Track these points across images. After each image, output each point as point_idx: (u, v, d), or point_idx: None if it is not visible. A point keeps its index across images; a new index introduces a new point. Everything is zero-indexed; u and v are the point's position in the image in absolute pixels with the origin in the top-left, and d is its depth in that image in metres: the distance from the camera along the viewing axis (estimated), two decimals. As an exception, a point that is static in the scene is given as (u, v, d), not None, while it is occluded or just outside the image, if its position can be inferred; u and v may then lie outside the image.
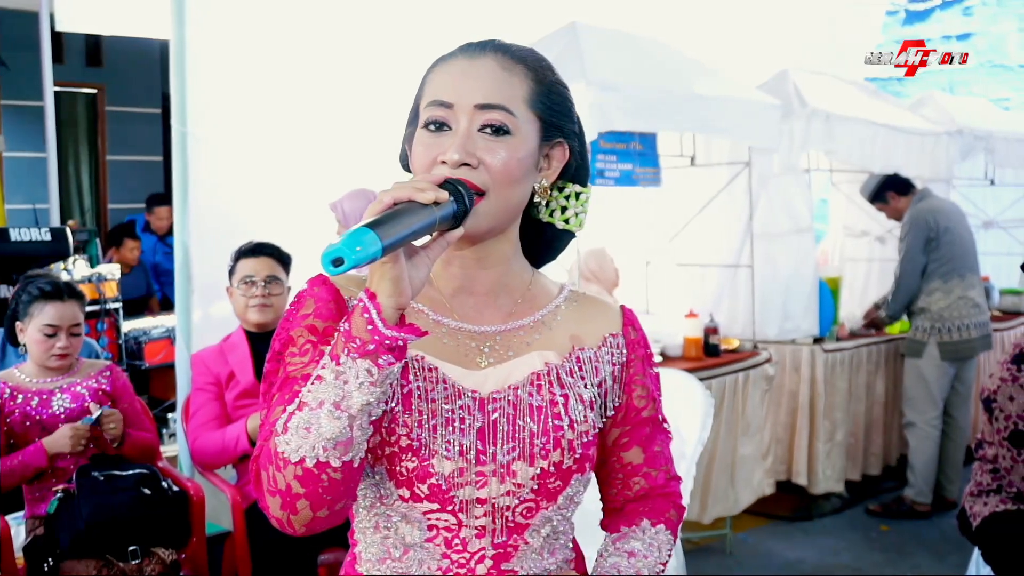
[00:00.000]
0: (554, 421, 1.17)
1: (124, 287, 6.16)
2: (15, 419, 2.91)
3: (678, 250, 5.01)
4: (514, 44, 1.22)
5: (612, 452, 1.30)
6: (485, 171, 1.13)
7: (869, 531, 4.79)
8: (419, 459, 1.13)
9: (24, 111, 7.87)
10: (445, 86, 1.16)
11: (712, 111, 4.12)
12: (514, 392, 1.17)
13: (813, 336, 4.96)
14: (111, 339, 5.77)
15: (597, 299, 1.32)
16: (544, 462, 1.16)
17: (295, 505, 1.06)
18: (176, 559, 2.89)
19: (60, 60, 8.96)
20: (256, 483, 1.10)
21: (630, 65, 3.96)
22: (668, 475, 1.33)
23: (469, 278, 1.22)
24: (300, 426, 1.04)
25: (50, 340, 2.93)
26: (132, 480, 2.88)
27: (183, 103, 3.90)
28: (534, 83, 1.19)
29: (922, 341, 4.96)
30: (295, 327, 1.16)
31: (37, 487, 2.96)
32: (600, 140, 4.13)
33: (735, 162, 4.71)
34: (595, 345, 1.26)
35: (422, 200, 1.02)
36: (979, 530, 2.81)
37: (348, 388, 1.02)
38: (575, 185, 1.26)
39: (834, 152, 4.95)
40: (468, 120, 1.14)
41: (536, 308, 1.25)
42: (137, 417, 3.12)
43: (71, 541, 2.76)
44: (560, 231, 1.27)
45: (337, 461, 1.04)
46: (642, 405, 1.29)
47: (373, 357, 1.01)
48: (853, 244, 6.24)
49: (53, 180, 5.71)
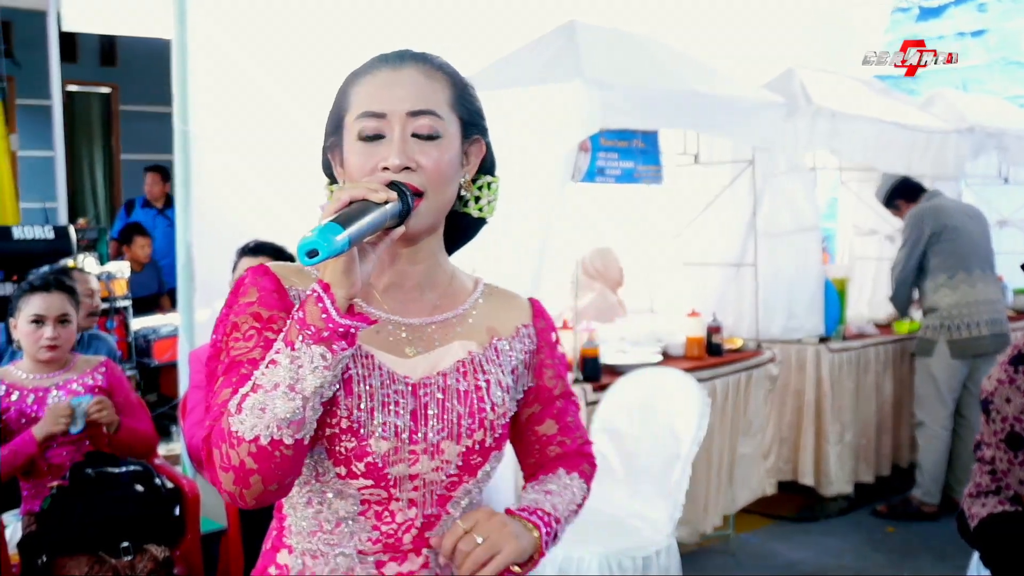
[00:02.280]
0: (478, 404, 1.28)
1: (134, 285, 6.20)
2: (11, 416, 2.93)
3: (681, 249, 4.98)
4: (428, 52, 1.31)
5: (527, 427, 1.42)
6: (423, 173, 1.22)
7: (874, 532, 4.75)
8: (357, 439, 1.21)
9: (38, 110, 7.92)
10: (373, 97, 1.24)
11: (713, 109, 4.10)
12: (442, 378, 1.28)
13: (819, 335, 4.93)
14: (120, 337, 5.82)
15: (509, 292, 1.43)
16: (469, 441, 1.27)
17: (248, 480, 1.13)
18: (169, 556, 2.90)
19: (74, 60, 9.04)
20: (207, 460, 1.16)
21: (629, 63, 3.94)
22: (582, 440, 1.46)
23: (400, 274, 1.31)
24: (255, 407, 1.11)
25: (38, 330, 2.94)
26: (125, 477, 2.90)
27: (185, 101, 3.93)
28: (453, 87, 1.29)
29: (932, 340, 4.91)
30: (239, 314, 1.23)
31: (33, 483, 2.97)
32: (601, 137, 4.12)
33: (739, 160, 4.68)
34: (509, 335, 1.37)
35: (375, 199, 1.13)
36: (977, 531, 2.78)
37: (303, 372, 1.10)
38: (486, 176, 1.36)
39: (839, 150, 4.91)
40: (401, 127, 1.23)
41: (457, 303, 1.35)
42: (133, 411, 3.12)
43: (64, 537, 2.77)
44: (474, 219, 1.37)
45: (290, 439, 1.12)
46: (552, 385, 1.42)
47: (327, 343, 1.10)
48: (862, 243, 6.19)
49: (61, 179, 5.75)
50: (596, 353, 3.93)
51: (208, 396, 1.21)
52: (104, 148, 9.83)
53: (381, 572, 1.26)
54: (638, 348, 4.37)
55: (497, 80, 3.94)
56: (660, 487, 3.40)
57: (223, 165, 4.03)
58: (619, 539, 3.24)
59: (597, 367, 3.92)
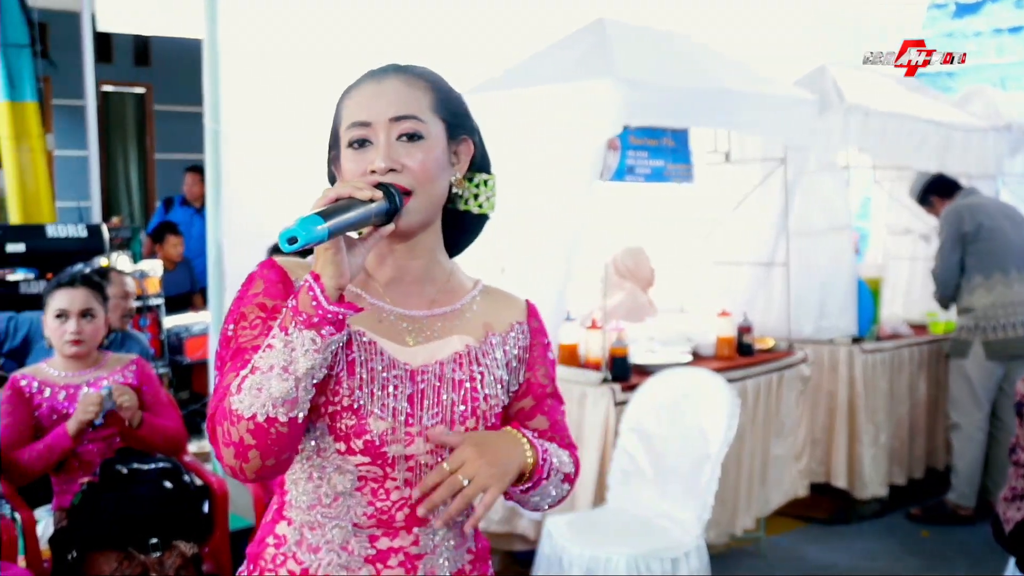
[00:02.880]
0: (472, 393, 1.37)
1: (167, 284, 6.25)
2: (43, 412, 2.97)
3: (712, 248, 4.94)
4: (411, 64, 1.41)
5: (518, 421, 1.47)
6: (409, 173, 1.32)
7: (908, 536, 4.68)
8: (357, 418, 1.30)
9: (74, 111, 8.01)
10: (360, 108, 1.35)
11: (744, 107, 4.06)
12: (440, 367, 1.36)
13: (851, 336, 4.87)
14: (153, 335, 5.86)
15: (506, 293, 1.51)
16: (461, 427, 1.35)
17: (247, 455, 1.22)
18: (197, 552, 2.91)
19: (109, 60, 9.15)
20: (212, 437, 1.26)
21: (659, 61, 3.91)
22: (568, 441, 1.52)
23: (400, 269, 1.40)
24: (252, 387, 1.20)
25: (62, 325, 2.98)
26: (154, 473, 2.92)
27: (216, 101, 3.95)
28: (434, 92, 1.38)
29: (967, 340, 4.84)
30: (246, 304, 1.33)
31: (64, 478, 3.01)
32: (631, 136, 4.09)
33: (770, 158, 4.63)
34: (504, 331, 1.45)
35: (360, 197, 1.22)
36: (1012, 536, 2.74)
37: (295, 355, 1.19)
38: (482, 173, 1.44)
39: (871, 148, 4.84)
40: (386, 133, 1.33)
41: (456, 298, 1.44)
42: (162, 408, 3.15)
43: (93, 533, 2.80)
44: (476, 217, 1.46)
45: (284, 417, 1.21)
46: (545, 382, 1.49)
47: (317, 328, 1.20)
48: (896, 242, 6.10)
49: (95, 178, 5.81)
50: (625, 352, 3.90)
51: (217, 380, 1.31)
52: (138, 147, 9.93)
53: (373, 545, 1.34)
54: (668, 348, 4.34)
55: (527, 78, 3.93)
56: (689, 488, 3.37)
57: (254, 164, 4.04)
58: (647, 540, 3.22)
59: (626, 367, 3.89)
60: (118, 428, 3.00)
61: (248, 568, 1.41)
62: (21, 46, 6.27)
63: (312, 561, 1.34)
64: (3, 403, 2.97)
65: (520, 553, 3.99)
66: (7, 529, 2.74)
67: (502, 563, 4.06)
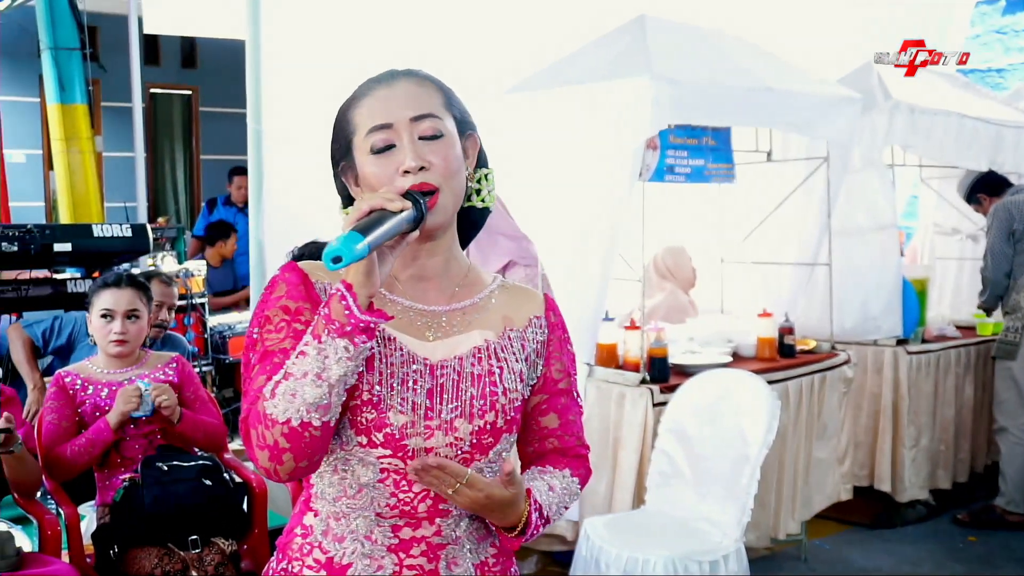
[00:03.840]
0: (491, 388, 1.38)
1: (211, 282, 6.32)
2: (86, 409, 3.01)
3: (753, 248, 4.89)
4: (412, 68, 1.43)
5: (532, 416, 1.49)
6: (436, 171, 1.34)
7: (954, 541, 4.60)
8: (377, 411, 1.33)
9: (122, 112, 8.16)
10: (377, 112, 1.36)
11: (787, 105, 4.00)
12: (459, 361, 1.38)
13: (896, 337, 4.79)
14: (197, 333, 5.92)
15: (524, 287, 1.54)
16: (480, 421, 1.37)
17: (281, 457, 1.26)
18: (236, 550, 2.94)
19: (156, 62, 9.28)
20: (245, 440, 1.29)
21: (700, 58, 3.87)
22: (579, 441, 1.53)
23: (420, 266, 1.42)
24: (286, 392, 1.23)
25: (107, 324, 3.02)
26: (194, 471, 2.94)
27: (258, 101, 3.97)
28: (441, 92, 1.42)
29: (1014, 342, 4.74)
30: (270, 308, 1.35)
31: (107, 474, 3.05)
32: (670, 135, 4.06)
33: (813, 157, 4.57)
34: (522, 326, 1.47)
35: (392, 209, 1.24)
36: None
37: (328, 362, 1.22)
38: (483, 168, 1.47)
39: (917, 146, 4.76)
40: (408, 133, 1.35)
41: (474, 293, 1.46)
42: (202, 404, 3.18)
43: (134, 529, 2.83)
44: (480, 211, 1.49)
45: (318, 421, 1.24)
46: (559, 378, 1.50)
47: (350, 337, 1.22)
48: (943, 242, 6.00)
49: (141, 179, 5.90)
50: (664, 353, 3.87)
51: (245, 383, 1.33)
52: (185, 149, 10.07)
53: (396, 535, 1.37)
54: (708, 349, 4.30)
55: (565, 76, 3.92)
56: (728, 490, 3.34)
57: (295, 165, 4.07)
58: (686, 542, 3.19)
59: (665, 367, 3.86)
60: (159, 425, 3.04)
61: (277, 559, 1.44)
62: (71, 49, 6.39)
63: (337, 550, 1.37)
64: (48, 400, 3.02)
65: (558, 554, 3.98)
66: (51, 525, 2.79)
67: (540, 563, 4.06)
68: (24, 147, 8.70)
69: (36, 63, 6.77)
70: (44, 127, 8.13)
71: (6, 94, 6.88)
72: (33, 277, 4.17)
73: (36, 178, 9.00)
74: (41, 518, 2.81)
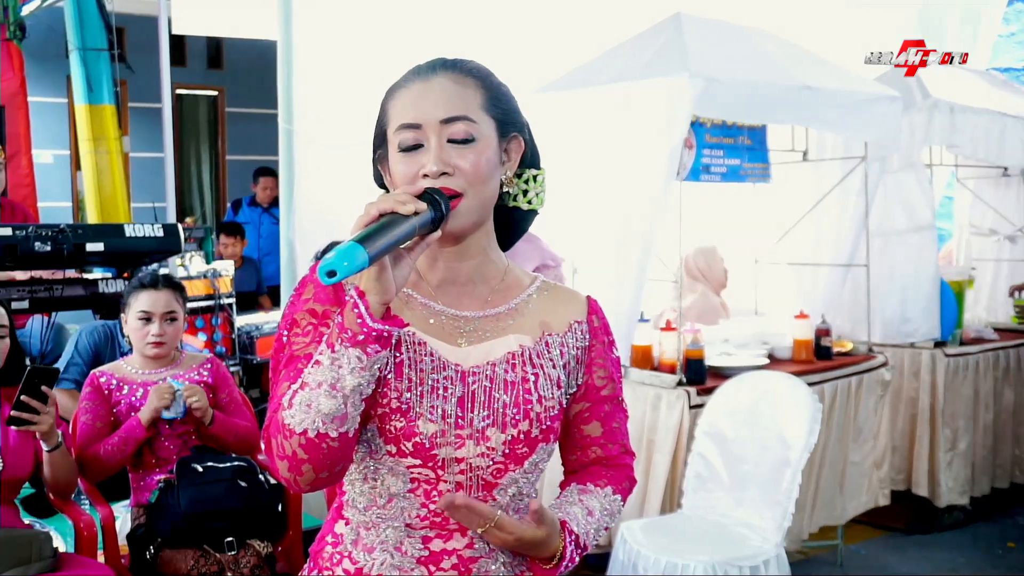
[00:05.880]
0: (524, 395, 1.32)
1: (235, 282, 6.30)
2: (121, 409, 3.00)
3: (788, 249, 4.82)
4: (459, 59, 1.36)
5: (574, 424, 1.44)
6: (461, 176, 1.28)
7: (993, 547, 4.52)
8: (406, 420, 1.28)
9: (149, 113, 8.18)
10: (408, 109, 1.31)
11: (825, 104, 3.94)
12: (492, 368, 1.33)
13: (934, 340, 4.71)
14: (225, 333, 5.91)
15: (566, 289, 1.47)
16: (514, 430, 1.31)
17: (300, 468, 1.22)
18: (272, 552, 2.92)
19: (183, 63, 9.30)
20: (267, 449, 1.26)
21: (737, 56, 3.82)
22: (623, 449, 1.48)
23: (452, 270, 1.37)
24: (303, 403, 1.20)
25: (145, 327, 3.01)
26: (229, 472, 2.92)
27: (289, 101, 3.96)
28: (484, 90, 1.34)
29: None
30: (298, 310, 1.32)
31: (140, 475, 3.03)
32: (706, 134, 4.01)
33: (850, 157, 4.50)
34: (562, 331, 1.40)
35: (403, 212, 1.18)
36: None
37: (342, 372, 1.18)
38: (531, 169, 1.41)
39: (958, 146, 4.69)
40: (437, 135, 1.29)
41: (510, 297, 1.40)
42: (236, 407, 3.17)
43: (170, 530, 2.82)
44: (525, 212, 1.42)
45: (334, 432, 1.20)
46: (602, 384, 1.43)
47: (362, 346, 1.18)
48: (980, 244, 5.91)
49: (170, 179, 5.90)
50: (701, 355, 3.82)
51: (273, 388, 1.30)
52: (211, 149, 10.10)
53: (427, 547, 1.33)
54: (743, 351, 4.24)
55: (602, 74, 3.87)
56: (767, 495, 3.29)
57: (326, 164, 4.05)
58: (726, 547, 3.15)
59: (702, 369, 3.81)
60: (193, 425, 3.02)
61: (309, 566, 1.41)
62: (99, 50, 6.40)
63: (367, 561, 1.34)
64: (83, 400, 3.01)
65: (591, 557, 3.93)
66: (88, 526, 2.77)
67: (573, 568, 4.01)
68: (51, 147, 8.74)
69: (64, 64, 6.78)
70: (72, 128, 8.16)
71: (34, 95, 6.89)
72: (64, 277, 4.16)
73: (63, 178, 9.04)
74: (77, 519, 2.79)
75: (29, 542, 2.54)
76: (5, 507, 2.69)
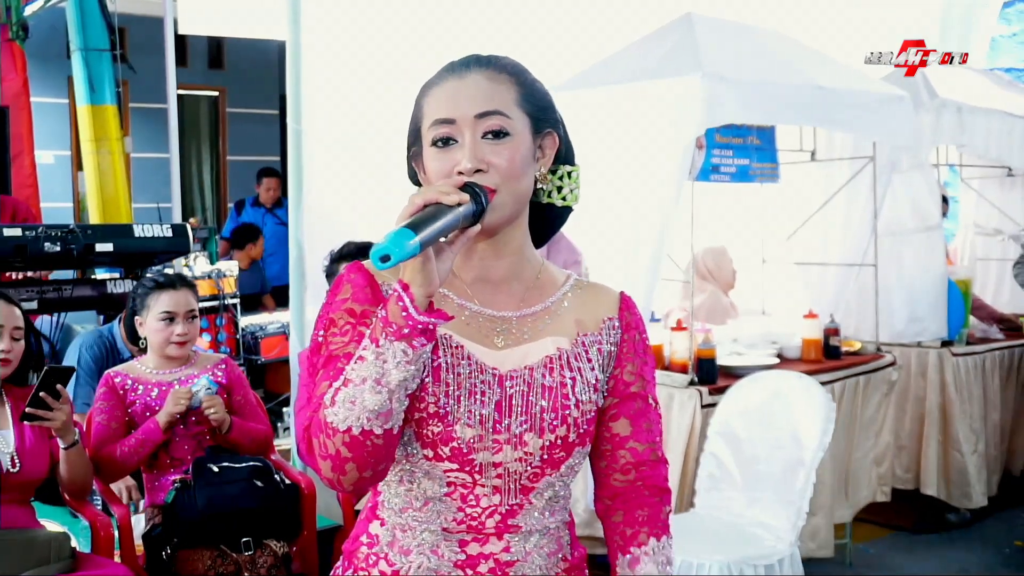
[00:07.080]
0: (563, 400, 1.31)
1: (240, 283, 6.30)
2: (136, 409, 2.99)
3: (796, 248, 4.83)
4: (493, 55, 1.35)
5: (601, 421, 1.41)
6: (495, 172, 1.28)
7: (1001, 546, 4.53)
8: (444, 424, 1.28)
9: (151, 113, 8.15)
10: (443, 105, 1.30)
11: (834, 104, 3.95)
12: (529, 372, 1.32)
13: (941, 339, 4.72)
14: (229, 334, 5.91)
15: (600, 286, 1.45)
16: (552, 435, 1.31)
17: (344, 467, 1.21)
18: (288, 552, 2.91)
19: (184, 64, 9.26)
20: (308, 450, 1.25)
21: (747, 57, 3.82)
22: (654, 453, 1.43)
23: (486, 268, 1.36)
24: (346, 400, 1.19)
25: (168, 327, 3.00)
26: (245, 472, 2.92)
27: (298, 101, 3.95)
28: (518, 86, 1.33)
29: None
30: (335, 310, 1.31)
31: (155, 475, 3.03)
32: (716, 134, 4.02)
33: (859, 157, 4.51)
34: (596, 330, 1.39)
35: (448, 202, 1.17)
36: None
37: (387, 367, 1.17)
38: (566, 166, 1.39)
39: (967, 146, 4.70)
40: (471, 131, 1.29)
41: (545, 296, 1.39)
42: (251, 409, 3.16)
43: (186, 531, 2.81)
44: (560, 209, 1.41)
45: (379, 429, 1.19)
46: (631, 380, 1.40)
47: (408, 340, 1.17)
48: (984, 243, 5.93)
49: (175, 180, 5.88)
50: (712, 354, 3.82)
51: (311, 389, 1.28)
52: (212, 150, 10.08)
53: (464, 550, 1.32)
54: (753, 350, 4.25)
55: (614, 74, 3.88)
56: (781, 494, 3.29)
57: (334, 164, 4.04)
58: (740, 546, 3.15)
59: (714, 369, 3.82)
60: (208, 425, 3.01)
61: (343, 565, 1.41)
62: (101, 50, 6.38)
63: (403, 563, 1.33)
64: (97, 400, 3.00)
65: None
66: (104, 526, 2.76)
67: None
68: (53, 148, 8.71)
69: (65, 64, 6.75)
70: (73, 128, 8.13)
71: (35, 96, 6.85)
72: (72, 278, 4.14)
73: (64, 179, 9.01)
74: (94, 519, 2.79)
75: (48, 543, 2.55)
76: (22, 508, 2.69)
